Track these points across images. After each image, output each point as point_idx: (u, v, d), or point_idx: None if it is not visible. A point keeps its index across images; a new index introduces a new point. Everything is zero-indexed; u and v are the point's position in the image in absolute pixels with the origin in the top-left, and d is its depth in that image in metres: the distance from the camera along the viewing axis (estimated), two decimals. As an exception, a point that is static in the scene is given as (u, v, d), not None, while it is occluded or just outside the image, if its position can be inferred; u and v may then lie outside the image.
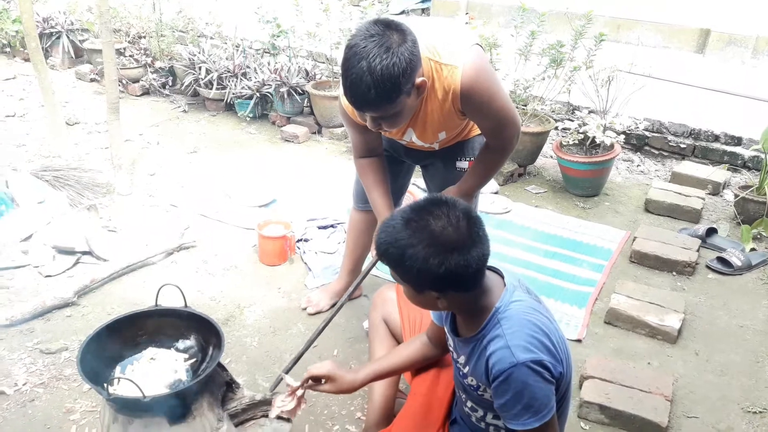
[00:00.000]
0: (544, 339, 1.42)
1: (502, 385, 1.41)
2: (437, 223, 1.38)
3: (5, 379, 2.30)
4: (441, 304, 1.46)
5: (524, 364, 1.38)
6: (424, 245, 1.37)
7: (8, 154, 4.04)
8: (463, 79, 1.90)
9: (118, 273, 2.94)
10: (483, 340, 1.47)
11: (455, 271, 1.37)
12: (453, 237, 1.37)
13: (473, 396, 1.60)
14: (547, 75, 3.92)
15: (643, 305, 2.76)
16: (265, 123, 4.79)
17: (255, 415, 1.94)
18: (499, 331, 1.43)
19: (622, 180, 4.08)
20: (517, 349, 1.39)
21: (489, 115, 2.01)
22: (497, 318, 1.45)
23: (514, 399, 1.41)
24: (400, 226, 1.41)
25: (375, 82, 1.69)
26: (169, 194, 3.68)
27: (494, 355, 1.42)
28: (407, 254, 1.38)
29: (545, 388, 1.41)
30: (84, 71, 5.51)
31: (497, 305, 1.47)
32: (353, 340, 2.60)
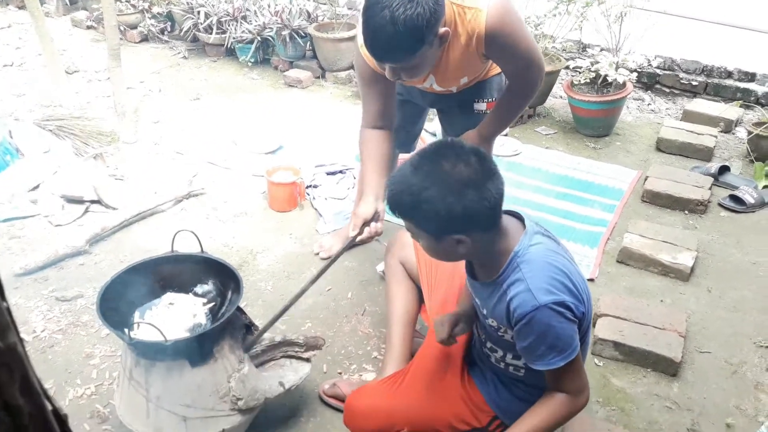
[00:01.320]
0: (564, 280, 1.41)
1: (524, 328, 1.42)
2: (447, 163, 1.36)
3: (23, 327, 2.32)
4: (462, 248, 1.43)
5: (546, 306, 1.38)
6: (438, 186, 1.35)
7: (8, 104, 3.97)
8: (488, 22, 1.83)
9: (128, 221, 2.93)
10: (503, 284, 1.46)
11: (473, 207, 1.35)
12: (466, 174, 1.36)
13: (493, 337, 1.61)
14: (559, 11, 3.80)
15: (655, 244, 2.75)
16: (267, 68, 4.69)
17: (275, 356, 1.96)
18: (519, 275, 1.43)
19: (632, 119, 4.02)
20: (538, 291, 1.39)
21: (514, 57, 1.95)
22: (516, 262, 1.44)
23: (537, 340, 1.41)
24: (410, 173, 1.39)
25: (397, 32, 1.62)
26: (174, 142, 3.64)
27: (515, 299, 1.42)
28: (423, 198, 1.36)
29: (568, 328, 1.41)
30: (80, 18, 5.36)
31: (516, 249, 1.45)
32: (366, 283, 2.61)
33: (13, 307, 2.35)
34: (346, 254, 2.73)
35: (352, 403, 1.79)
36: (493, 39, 1.87)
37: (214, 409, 1.76)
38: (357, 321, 2.42)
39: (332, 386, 2.09)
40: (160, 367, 1.72)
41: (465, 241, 1.41)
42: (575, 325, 1.44)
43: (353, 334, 2.36)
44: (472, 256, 1.52)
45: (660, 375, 2.20)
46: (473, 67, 2.06)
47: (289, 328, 2.37)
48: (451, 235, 1.40)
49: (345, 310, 2.48)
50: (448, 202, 1.35)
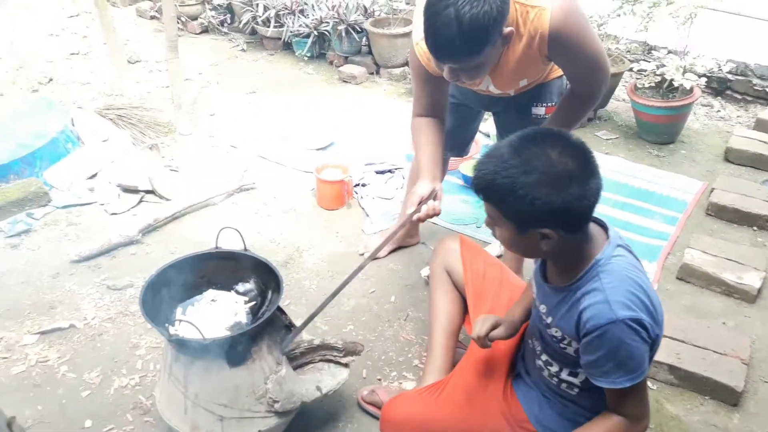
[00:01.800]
0: (644, 298, 1.32)
1: (595, 341, 1.33)
2: (554, 152, 1.27)
3: (76, 313, 2.38)
4: (545, 245, 1.34)
5: (623, 321, 1.29)
6: (539, 173, 1.26)
7: (73, 93, 4.10)
8: (552, 22, 1.74)
9: (180, 212, 2.97)
10: (577, 292, 1.38)
11: (572, 203, 1.27)
12: (571, 166, 1.27)
13: (553, 348, 1.52)
14: (624, 11, 3.64)
15: (719, 261, 2.60)
16: (322, 63, 4.69)
17: (313, 359, 1.94)
18: (598, 285, 1.34)
19: (700, 126, 3.82)
20: (616, 305, 1.30)
21: (578, 60, 1.86)
22: (597, 270, 1.35)
23: (606, 356, 1.33)
24: (509, 155, 1.29)
25: (462, 32, 1.56)
26: (228, 135, 3.67)
27: (590, 309, 1.33)
28: (519, 183, 1.26)
29: (641, 348, 1.32)
30: (144, 8, 5.49)
31: (598, 257, 1.36)
32: (410, 288, 2.56)
33: (67, 293, 2.43)
34: (391, 256, 2.71)
35: (389, 411, 1.75)
36: (557, 40, 1.78)
37: (250, 410, 1.75)
38: (399, 326, 2.38)
39: (371, 393, 2.05)
40: (198, 365, 1.72)
41: (552, 238, 1.32)
42: (648, 347, 1.34)
43: (395, 339, 2.32)
44: (552, 256, 1.42)
45: (719, 404, 2.07)
46: (533, 70, 1.98)
47: (331, 329, 2.35)
48: (539, 228, 1.31)
49: (388, 314, 2.44)
50: (547, 193, 1.26)
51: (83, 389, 2.07)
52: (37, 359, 2.16)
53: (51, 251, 2.70)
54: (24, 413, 1.97)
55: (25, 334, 2.27)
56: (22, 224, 2.79)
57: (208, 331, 1.76)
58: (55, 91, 4.11)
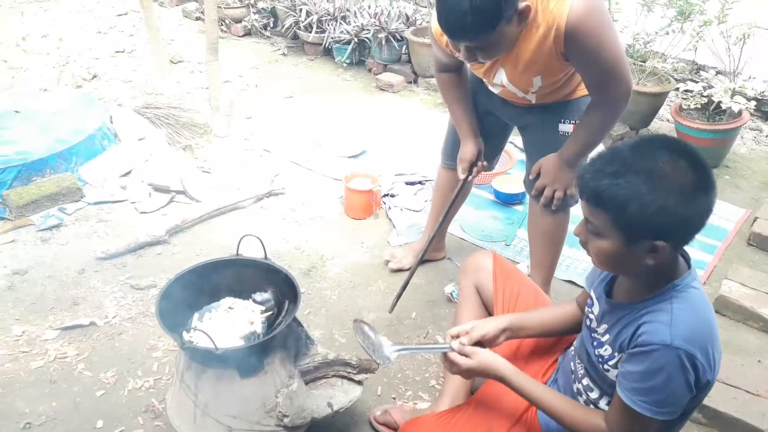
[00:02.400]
0: (707, 339, 1.25)
1: (639, 355, 1.26)
2: (680, 159, 1.20)
3: (97, 311, 2.41)
4: (651, 259, 1.24)
5: (677, 350, 1.21)
6: (670, 180, 1.18)
7: (115, 90, 4.18)
8: (571, 15, 1.67)
9: (208, 215, 2.99)
10: (642, 310, 1.31)
11: (697, 215, 1.21)
12: (698, 176, 1.19)
13: (596, 371, 1.45)
14: (672, 29, 3.53)
15: (758, 295, 2.48)
16: (361, 70, 4.68)
17: (327, 374, 1.91)
18: (668, 307, 1.27)
19: (746, 151, 3.67)
20: (677, 332, 1.23)
21: (595, 63, 1.77)
22: (671, 294, 1.28)
23: (644, 375, 1.25)
24: (633, 158, 1.21)
25: (474, 7, 1.54)
26: (263, 139, 3.68)
27: (648, 325, 1.27)
28: (646, 189, 1.18)
29: (681, 389, 1.24)
30: (190, 9, 5.58)
31: (676, 281, 1.29)
32: (432, 304, 2.51)
33: (91, 289, 2.45)
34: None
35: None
36: (574, 36, 1.71)
37: (259, 423, 1.73)
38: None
39: (384, 413, 2.01)
40: (210, 374, 1.71)
41: (661, 250, 1.23)
42: (690, 393, 1.26)
43: (412, 358, 2.27)
44: (643, 271, 1.32)
45: (748, 447, 1.97)
46: (550, 67, 1.87)
47: (348, 342, 2.32)
48: (653, 240, 1.21)
49: (407, 330, 2.39)
50: (677, 202, 1.18)
51: (98, 388, 2.08)
52: (56, 355, 2.19)
53: (79, 247, 2.74)
54: (38, 409, 1.99)
55: (47, 329, 2.30)
56: (54, 218, 2.84)
57: (221, 340, 1.75)
58: (98, 88, 4.20)
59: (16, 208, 2.83)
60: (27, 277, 2.56)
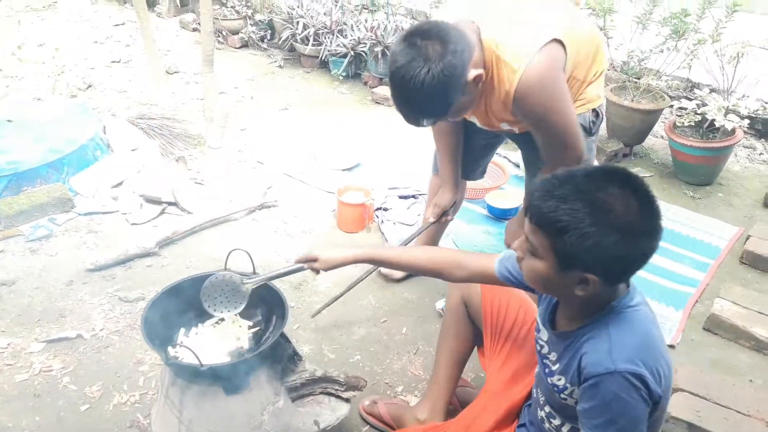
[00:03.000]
0: (650, 356, 1.24)
1: (590, 391, 1.25)
2: (633, 198, 1.18)
3: (85, 323, 2.38)
4: (579, 290, 1.24)
5: (622, 374, 1.20)
6: (615, 217, 1.16)
7: (110, 100, 4.17)
8: (520, 84, 1.72)
9: (200, 227, 2.97)
10: (582, 337, 1.30)
11: (635, 257, 1.19)
12: (645, 219, 1.18)
13: (554, 399, 1.44)
14: (667, 47, 3.54)
15: (750, 314, 2.47)
16: (357, 83, 4.68)
17: (314, 391, 1.89)
18: (604, 332, 1.26)
19: (740, 169, 3.67)
20: (618, 355, 1.22)
21: (544, 129, 1.87)
22: (607, 318, 1.27)
23: (600, 409, 1.25)
24: (584, 186, 1.19)
25: (417, 104, 1.66)
26: (257, 151, 3.67)
27: (589, 356, 1.26)
28: (589, 221, 1.16)
29: (638, 408, 1.23)
30: (187, 20, 5.59)
31: (613, 303, 1.28)
32: (423, 320, 2.50)
33: (79, 302, 2.43)
34: (406, 285, 2.66)
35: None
36: (522, 104, 1.76)
37: (244, 441, 1.70)
38: (408, 360, 2.31)
39: (372, 403, 2.04)
40: (194, 390, 1.69)
41: (591, 284, 1.22)
42: (647, 408, 1.25)
43: (403, 373, 2.25)
44: (573, 300, 1.32)
45: (739, 469, 1.95)
46: (513, 117, 1.91)
47: (338, 358, 2.30)
48: (583, 272, 1.21)
49: (398, 346, 2.37)
50: (616, 240, 1.16)
51: (83, 403, 2.05)
52: (41, 368, 2.16)
53: (68, 258, 2.72)
54: (21, 423, 1.96)
55: (33, 341, 2.28)
56: (44, 229, 2.82)
57: (207, 356, 1.73)
58: (92, 98, 4.20)
59: (5, 218, 2.81)
60: (14, 288, 2.54)
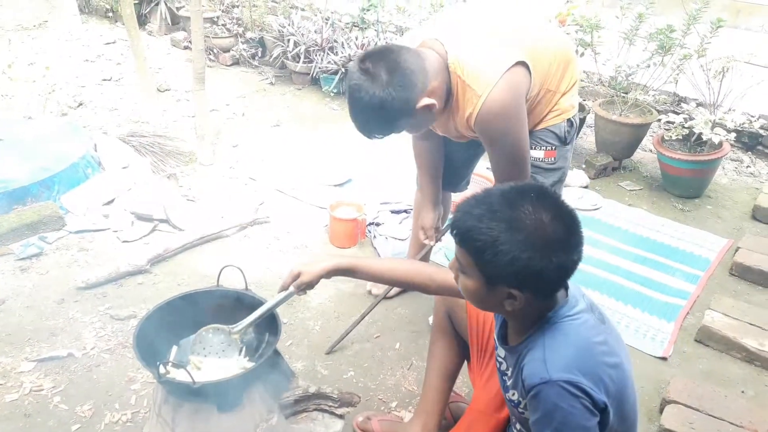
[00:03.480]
0: (590, 363, 1.25)
1: (532, 401, 1.27)
2: (546, 214, 1.22)
3: (76, 342, 2.36)
4: (509, 305, 1.28)
5: (557, 382, 1.22)
6: (527, 233, 1.20)
7: (101, 118, 4.17)
8: (481, 112, 1.82)
9: (191, 243, 2.96)
10: (523, 350, 1.33)
11: (552, 271, 1.22)
12: (560, 233, 1.22)
13: (516, 414, 1.46)
14: (653, 62, 3.60)
15: (741, 325, 2.48)
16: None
17: (307, 408, 1.89)
18: (540, 342, 1.28)
19: (728, 182, 3.71)
20: (553, 365, 1.24)
21: (495, 150, 1.96)
22: (544, 329, 1.30)
23: (544, 420, 1.26)
24: (499, 205, 1.23)
25: (367, 121, 1.79)
26: (249, 167, 3.68)
27: (527, 367, 1.28)
28: (504, 238, 1.20)
29: (580, 416, 1.23)
30: (178, 38, 5.61)
31: (549, 314, 1.31)
32: (417, 335, 2.49)
33: (70, 320, 2.41)
34: (399, 301, 2.66)
35: None
36: (481, 131, 1.88)
37: (237, 458, 1.69)
38: (402, 375, 2.30)
39: (365, 420, 2.02)
40: (187, 408, 1.68)
41: (518, 299, 1.26)
42: (595, 418, 1.24)
43: (396, 389, 2.24)
44: (511, 315, 1.36)
45: (733, 481, 1.95)
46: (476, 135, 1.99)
47: (331, 374, 2.29)
48: (507, 288, 1.25)
49: (391, 361, 2.37)
50: (530, 256, 1.20)
51: (73, 422, 2.03)
52: (31, 388, 2.14)
53: (59, 276, 2.70)
54: (11, 444, 1.94)
55: (23, 360, 2.25)
56: (34, 247, 2.80)
57: (201, 373, 1.72)
58: (83, 116, 4.20)
59: (-5, 237, 2.80)
60: (4, 307, 2.52)
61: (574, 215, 1.26)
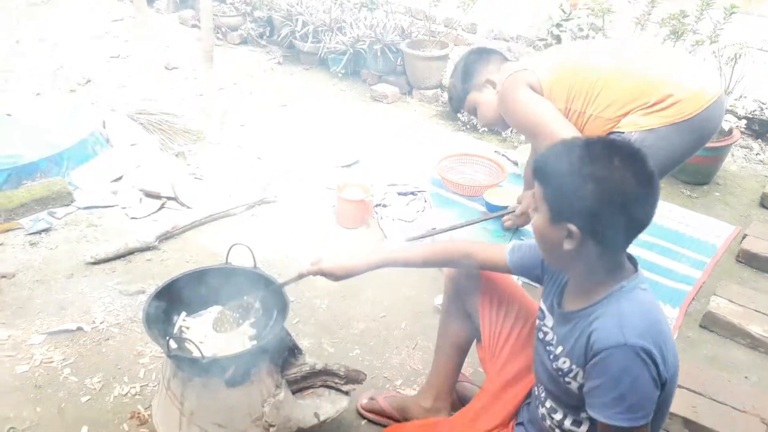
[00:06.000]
0: (659, 336, 1.26)
1: (599, 366, 1.26)
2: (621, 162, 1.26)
3: (85, 316, 2.39)
4: (568, 244, 1.30)
5: (632, 347, 1.22)
6: (595, 171, 1.25)
7: (109, 95, 4.17)
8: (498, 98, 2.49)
9: (199, 221, 2.98)
10: (591, 316, 1.32)
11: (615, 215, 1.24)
12: (632, 187, 1.25)
13: (557, 386, 1.44)
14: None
15: (746, 312, 2.49)
16: (356, 80, 4.70)
17: (314, 384, 1.90)
18: (615, 308, 1.29)
19: (737, 169, 3.69)
20: (630, 330, 1.24)
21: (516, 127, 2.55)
22: (617, 296, 1.31)
23: (608, 384, 1.25)
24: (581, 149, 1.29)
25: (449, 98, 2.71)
26: (256, 146, 3.68)
27: (600, 330, 1.28)
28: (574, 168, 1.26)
29: (648, 384, 1.24)
30: (186, 16, 5.58)
31: (623, 283, 1.32)
32: (421, 315, 2.51)
33: (79, 294, 2.43)
34: (405, 280, 2.67)
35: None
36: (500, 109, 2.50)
37: (245, 432, 1.72)
38: (407, 354, 2.32)
39: (370, 400, 2.05)
40: (196, 383, 1.70)
41: (576, 239, 1.28)
42: (657, 388, 1.26)
43: (401, 368, 2.27)
44: (573, 265, 1.36)
45: (734, 464, 1.97)
46: None
47: (337, 352, 2.31)
48: (568, 223, 1.28)
49: (396, 340, 2.39)
50: (594, 189, 1.24)
51: (83, 394, 2.06)
52: (41, 360, 2.16)
53: (68, 251, 2.72)
54: (22, 414, 1.97)
55: (33, 333, 2.28)
56: (44, 222, 2.82)
57: (208, 349, 1.74)
58: (91, 93, 4.19)
59: (5, 211, 2.81)
60: (15, 280, 2.54)
61: (654, 177, 1.28)
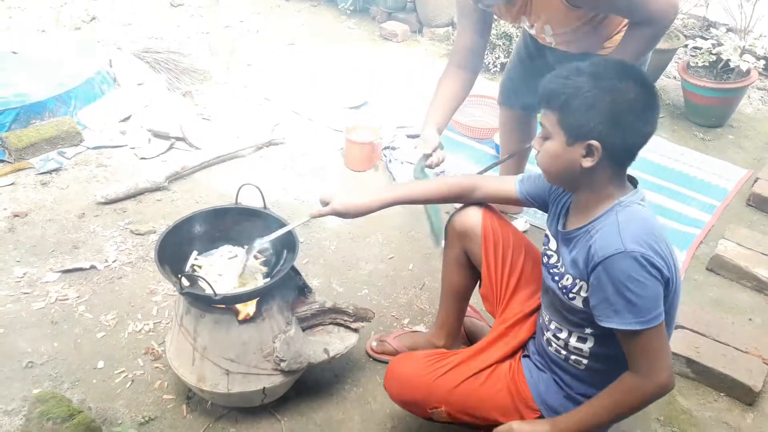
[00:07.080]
0: (655, 244, 1.30)
1: (602, 275, 1.31)
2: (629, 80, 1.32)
3: (98, 254, 2.42)
4: (587, 162, 1.34)
5: (631, 253, 1.27)
6: (612, 86, 1.30)
7: (114, 33, 4.10)
8: None
9: (208, 162, 2.98)
10: (591, 230, 1.38)
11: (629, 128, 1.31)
12: (641, 102, 1.32)
13: (562, 304, 1.48)
14: (684, -17, 3.45)
15: (753, 255, 2.50)
16: (365, 17, 4.58)
17: (323, 322, 1.94)
18: (612, 220, 1.34)
19: (752, 111, 3.63)
20: (627, 238, 1.29)
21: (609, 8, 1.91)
22: (615, 209, 1.36)
23: (614, 293, 1.30)
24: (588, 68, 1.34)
25: None
26: (263, 86, 3.63)
27: (599, 240, 1.33)
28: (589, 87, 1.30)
29: (653, 286, 1.29)
30: (191, -49, 5.42)
31: (621, 199, 1.37)
32: (429, 257, 2.53)
33: (91, 234, 2.46)
34: (412, 225, 2.68)
35: (395, 369, 1.71)
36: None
37: (257, 367, 1.76)
38: (414, 295, 2.36)
39: (380, 343, 2.09)
40: (208, 319, 1.74)
41: (596, 153, 1.32)
42: (661, 286, 1.30)
43: (408, 307, 2.30)
44: (585, 183, 1.40)
45: (733, 402, 2.01)
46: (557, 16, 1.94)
47: (346, 292, 2.35)
48: (588, 140, 1.32)
49: (404, 281, 2.42)
50: (612, 99, 1.29)
51: (98, 330, 2.11)
52: (57, 297, 2.21)
53: (79, 191, 2.74)
54: (40, 349, 2.03)
55: (48, 271, 2.32)
56: (54, 162, 2.83)
57: (220, 287, 1.77)
58: (96, 30, 4.12)
59: (15, 151, 2.82)
60: (28, 219, 2.57)
61: (655, 89, 1.35)
